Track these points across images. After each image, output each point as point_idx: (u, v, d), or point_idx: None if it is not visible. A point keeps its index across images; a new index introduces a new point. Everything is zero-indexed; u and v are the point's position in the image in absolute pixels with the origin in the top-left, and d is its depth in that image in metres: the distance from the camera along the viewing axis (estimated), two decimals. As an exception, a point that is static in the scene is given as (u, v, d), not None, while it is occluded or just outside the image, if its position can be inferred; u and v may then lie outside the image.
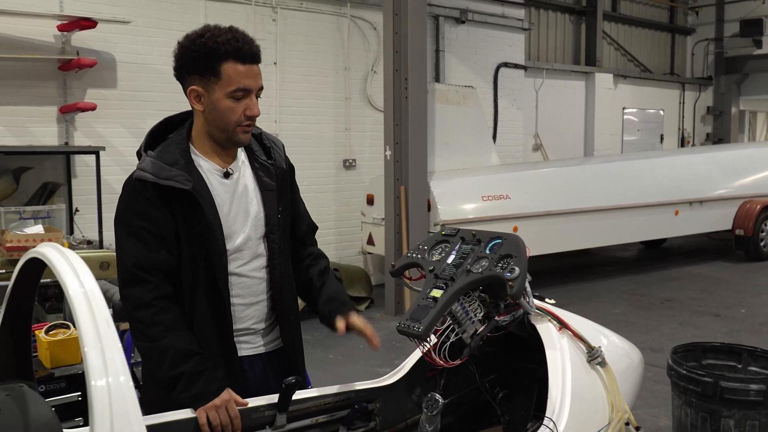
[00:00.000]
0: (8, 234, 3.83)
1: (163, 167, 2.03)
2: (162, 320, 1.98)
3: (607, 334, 2.61)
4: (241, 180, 2.17)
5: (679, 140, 15.01)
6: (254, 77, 2.05)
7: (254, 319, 2.21)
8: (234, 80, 2.02)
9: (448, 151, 8.31)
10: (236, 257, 2.14)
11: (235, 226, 2.14)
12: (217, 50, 1.99)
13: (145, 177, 2.02)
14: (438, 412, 2.01)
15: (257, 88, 2.07)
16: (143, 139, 2.16)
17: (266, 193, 2.19)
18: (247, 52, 2.02)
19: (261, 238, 2.19)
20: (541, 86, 11.66)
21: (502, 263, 2.08)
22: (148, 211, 2.02)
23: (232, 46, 2.00)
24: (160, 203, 2.03)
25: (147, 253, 2.01)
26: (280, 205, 2.21)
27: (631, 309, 7.60)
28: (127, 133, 6.76)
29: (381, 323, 7.06)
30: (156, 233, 2.03)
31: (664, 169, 9.69)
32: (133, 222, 2.03)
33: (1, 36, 6.21)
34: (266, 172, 2.21)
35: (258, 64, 2.07)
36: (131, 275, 2.01)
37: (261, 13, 7.81)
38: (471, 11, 9.85)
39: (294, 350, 2.28)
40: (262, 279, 2.20)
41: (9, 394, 1.39)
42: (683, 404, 3.42)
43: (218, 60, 2.00)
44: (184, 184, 2.02)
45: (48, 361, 2.72)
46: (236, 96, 2.03)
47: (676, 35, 15.28)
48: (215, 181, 2.12)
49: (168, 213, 2.04)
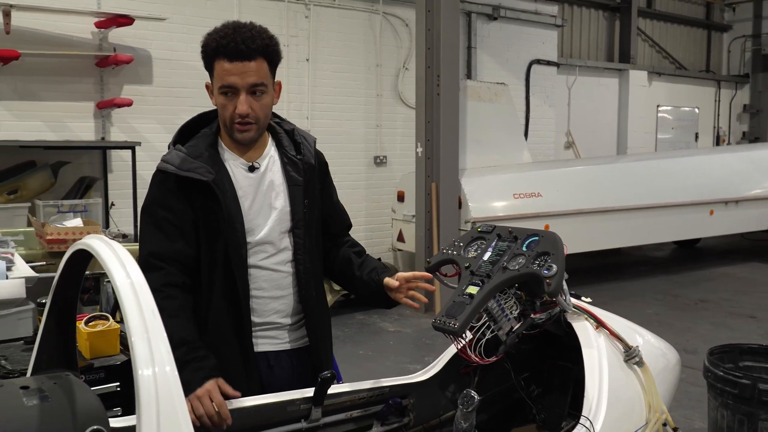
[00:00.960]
0: (48, 227, 3.90)
1: (186, 159, 2.08)
2: (165, 306, 1.93)
3: (643, 334, 2.58)
4: (267, 174, 2.19)
5: (715, 139, 14.76)
6: (241, 74, 2.03)
7: (280, 314, 2.21)
8: (219, 77, 2.06)
9: (480, 148, 8.28)
10: (259, 250, 2.16)
11: (257, 220, 2.15)
12: (209, 47, 2.06)
13: (166, 168, 2.08)
14: (474, 409, 2.01)
15: (246, 86, 2.05)
16: (175, 133, 2.21)
17: (293, 187, 2.21)
18: (232, 49, 2.02)
19: (287, 233, 2.20)
20: (573, 83, 11.55)
21: (539, 260, 2.07)
22: (169, 201, 2.07)
23: (219, 43, 2.03)
24: (180, 194, 2.07)
25: (164, 243, 2.05)
26: (306, 200, 2.22)
27: (664, 309, 7.51)
28: (162, 129, 6.84)
29: (410, 320, 7.07)
30: (175, 224, 2.06)
31: (698, 168, 9.54)
32: (156, 212, 2.08)
33: (41, 33, 6.32)
34: (294, 167, 2.22)
35: (253, 61, 2.04)
36: (145, 263, 2.04)
37: (294, 10, 7.85)
38: (503, 7, 9.79)
39: (320, 347, 2.27)
40: (288, 273, 2.21)
41: (56, 383, 1.43)
42: (720, 406, 3.37)
43: (211, 57, 2.06)
44: (204, 176, 2.06)
45: (87, 351, 2.77)
46: (224, 92, 2.07)
47: (712, 32, 15.02)
48: (240, 174, 2.15)
49: (188, 204, 2.08)
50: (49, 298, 1.65)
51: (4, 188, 5.87)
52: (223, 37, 2.03)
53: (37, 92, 6.38)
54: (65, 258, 1.59)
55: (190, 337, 1.99)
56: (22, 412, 1.32)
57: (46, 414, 1.33)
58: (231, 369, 2.12)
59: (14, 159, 6.13)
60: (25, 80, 6.30)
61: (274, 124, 2.28)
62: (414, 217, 7.59)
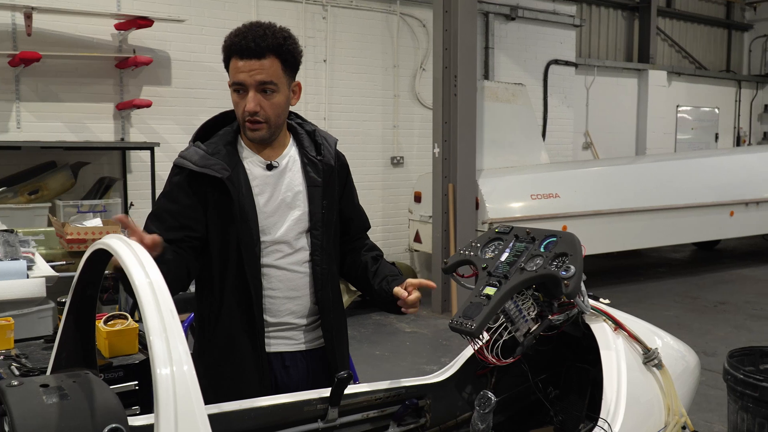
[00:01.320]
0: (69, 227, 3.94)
1: (203, 156, 2.09)
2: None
3: (662, 336, 2.56)
4: (287, 174, 2.19)
5: (735, 139, 14.60)
6: (249, 72, 2.04)
7: (294, 315, 2.21)
8: (232, 74, 2.09)
9: (497, 149, 8.26)
10: (274, 249, 2.16)
11: (273, 218, 2.15)
12: (224, 46, 2.09)
13: (183, 164, 2.10)
14: (491, 410, 2.00)
15: (255, 84, 2.05)
16: (196, 130, 2.23)
17: (312, 188, 2.20)
18: (243, 47, 2.03)
19: (304, 233, 2.20)
20: (592, 83, 11.48)
21: (557, 261, 2.05)
22: (179, 196, 2.09)
23: (232, 42, 2.05)
24: (191, 190, 2.09)
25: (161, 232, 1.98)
26: (325, 200, 2.21)
27: (683, 312, 7.44)
28: (181, 130, 6.89)
29: (427, 321, 7.06)
30: (177, 217, 2.07)
31: (718, 169, 9.45)
32: (161, 204, 2.12)
33: (61, 35, 6.40)
34: (314, 168, 2.22)
35: (264, 59, 2.04)
36: None
37: (311, 11, 7.87)
38: (521, 8, 9.76)
39: (335, 348, 2.27)
40: (304, 274, 2.20)
41: (75, 381, 1.44)
42: (739, 410, 3.34)
43: (228, 56, 2.08)
44: (219, 173, 2.06)
45: (106, 350, 2.79)
46: (236, 89, 2.09)
47: (732, 31, 14.86)
48: (257, 172, 2.15)
49: (197, 200, 2.09)
50: (68, 298, 1.67)
51: (26, 188, 5.95)
52: (237, 35, 2.05)
53: (58, 93, 6.45)
54: (85, 257, 1.60)
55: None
56: (42, 410, 1.33)
57: (66, 412, 1.34)
58: (243, 368, 2.14)
59: (35, 159, 6.20)
60: (46, 82, 6.38)
61: (295, 125, 2.28)
62: (431, 217, 7.58)
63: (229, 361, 2.15)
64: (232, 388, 2.10)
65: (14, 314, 3.12)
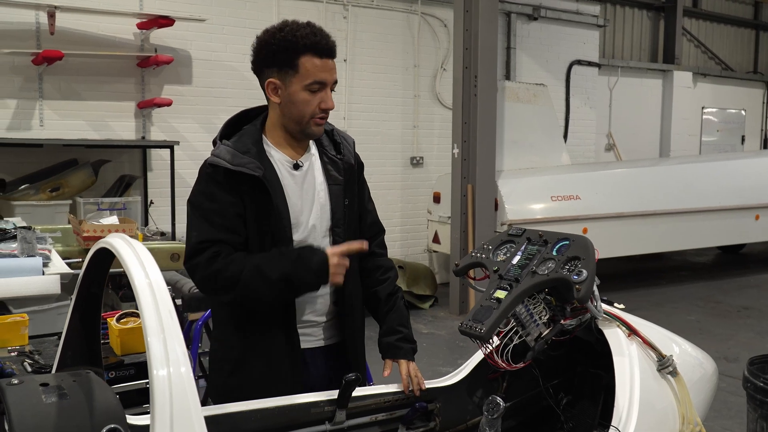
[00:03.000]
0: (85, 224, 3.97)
1: (236, 154, 2.09)
2: (234, 258, 2.04)
3: (679, 342, 2.51)
4: (309, 172, 2.21)
5: (762, 142, 14.36)
6: (330, 71, 2.10)
7: (316, 312, 2.23)
8: (311, 73, 2.07)
9: (517, 150, 8.20)
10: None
11: (302, 217, 2.17)
12: (295, 44, 2.06)
13: (218, 162, 2.08)
14: (499, 416, 1.97)
15: (332, 82, 2.12)
16: (220, 128, 2.22)
17: (333, 186, 2.22)
18: (324, 46, 2.08)
19: (326, 231, 2.21)
20: (615, 84, 11.35)
21: (570, 265, 2.02)
22: (218, 195, 2.08)
23: (310, 41, 2.06)
24: (230, 188, 2.08)
25: (210, 232, 2.06)
26: (346, 199, 2.24)
27: (705, 316, 7.32)
28: (201, 129, 6.92)
29: (445, 322, 7.02)
30: (223, 215, 2.08)
31: (744, 172, 9.28)
32: (203, 204, 2.10)
33: (84, 34, 6.45)
34: (335, 167, 2.24)
35: (334, 59, 2.12)
36: (195, 249, 2.07)
37: (332, 11, 7.87)
38: (544, 7, 9.67)
39: (354, 345, 2.29)
40: None
41: (75, 380, 1.44)
42: (759, 418, 3.26)
43: (296, 53, 2.06)
44: (255, 171, 2.07)
45: (118, 348, 2.80)
46: (312, 89, 2.09)
47: (760, 32, 14.61)
48: (285, 171, 2.17)
49: (237, 198, 2.09)
50: (73, 296, 1.67)
51: (47, 185, 6.01)
52: (312, 34, 2.08)
53: (80, 92, 6.51)
54: (89, 256, 1.60)
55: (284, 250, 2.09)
56: (41, 410, 1.33)
57: (65, 411, 1.34)
58: (278, 365, 2.15)
59: (57, 157, 6.26)
60: (69, 80, 6.44)
61: None
62: (450, 218, 7.54)
63: (263, 358, 2.16)
64: (264, 385, 2.11)
65: (29, 311, 3.14)
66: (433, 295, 7.81)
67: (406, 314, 2.35)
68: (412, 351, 2.30)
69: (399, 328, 2.30)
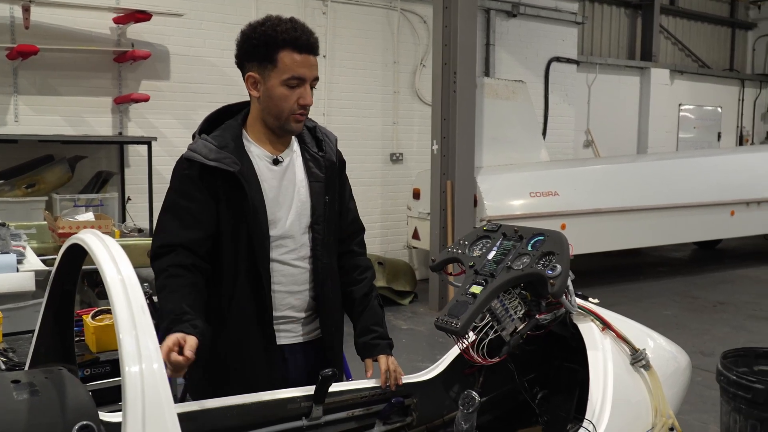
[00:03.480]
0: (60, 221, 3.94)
1: (212, 149, 2.08)
2: (167, 284, 2.01)
3: (653, 337, 2.54)
4: (290, 168, 2.21)
5: (738, 138, 14.54)
6: (309, 67, 2.10)
7: (294, 309, 2.23)
8: (289, 68, 2.07)
9: (496, 146, 8.23)
10: (279, 244, 2.17)
11: (279, 213, 2.16)
12: (275, 38, 2.05)
13: (192, 157, 2.08)
14: (474, 410, 1.98)
15: (312, 78, 2.11)
16: (200, 123, 2.21)
17: (314, 183, 2.22)
18: (304, 42, 2.07)
19: (306, 228, 2.21)
20: (593, 81, 11.44)
21: (544, 260, 2.04)
22: (191, 191, 2.08)
23: (290, 35, 2.05)
24: (203, 184, 2.08)
25: (178, 231, 2.06)
26: (327, 196, 2.23)
27: (682, 311, 7.41)
28: (179, 124, 6.88)
29: (424, 318, 7.04)
30: (193, 213, 2.07)
31: (720, 168, 9.40)
32: (176, 200, 2.10)
33: (59, 28, 6.38)
34: (316, 164, 2.24)
35: (315, 56, 2.12)
36: (155, 254, 2.07)
37: (312, 6, 7.85)
38: (523, 4, 9.72)
39: (333, 341, 2.30)
40: (305, 269, 2.22)
41: (48, 377, 1.43)
42: (732, 411, 3.32)
43: (276, 48, 2.06)
44: (230, 166, 2.06)
45: (94, 345, 2.78)
46: (290, 84, 2.08)
47: (736, 30, 14.79)
48: (264, 167, 2.16)
49: (210, 194, 2.08)
50: (46, 293, 1.65)
51: (22, 182, 5.94)
52: (292, 29, 2.07)
53: (56, 87, 6.44)
54: (60, 252, 1.59)
55: (179, 309, 1.92)
56: (12, 406, 1.32)
57: (36, 408, 1.33)
58: (254, 361, 2.15)
59: (32, 153, 6.19)
60: (44, 75, 6.37)
61: None
62: (429, 214, 7.56)
63: (239, 355, 2.16)
64: (240, 381, 2.11)
65: (4, 308, 3.11)
66: (412, 291, 7.83)
67: (381, 313, 2.36)
68: (388, 346, 2.31)
69: (374, 327, 2.30)
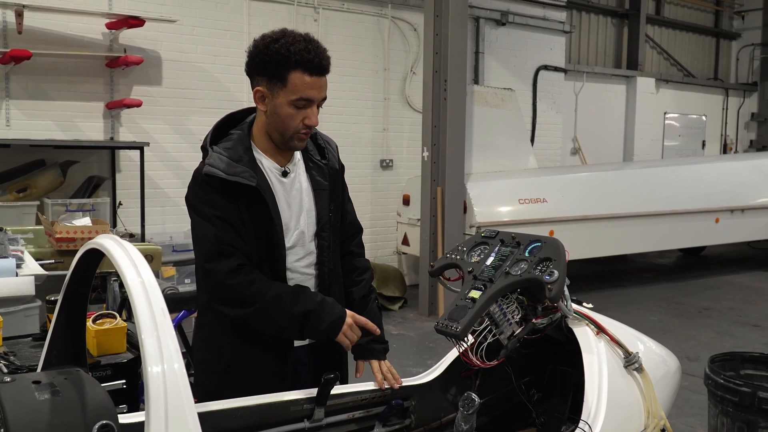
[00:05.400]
0: (58, 225, 3.95)
1: (230, 163, 2.10)
2: (257, 278, 2.08)
3: (644, 341, 2.61)
4: (296, 179, 2.25)
5: (722, 147, 14.74)
6: (318, 89, 2.10)
7: None
8: (299, 89, 2.07)
9: (486, 153, 8.31)
10: (291, 253, 2.21)
11: (291, 223, 2.21)
12: (288, 58, 2.05)
13: (214, 173, 2.09)
14: (474, 411, 2.03)
15: (320, 99, 2.13)
16: (208, 133, 2.22)
17: (319, 192, 2.26)
18: (316, 64, 2.07)
19: (313, 236, 2.26)
20: (581, 89, 11.56)
21: (542, 266, 2.09)
22: (218, 201, 2.10)
23: (302, 57, 2.04)
24: (227, 196, 2.11)
25: (222, 232, 2.09)
26: (332, 204, 2.28)
27: (668, 317, 7.51)
28: (171, 130, 6.89)
29: (414, 323, 7.10)
30: (227, 220, 2.10)
31: (705, 176, 9.54)
32: (205, 210, 2.11)
33: (52, 33, 6.39)
34: (320, 172, 2.28)
35: (325, 76, 2.12)
36: (214, 248, 2.08)
37: (303, 14, 7.90)
38: (512, 13, 9.82)
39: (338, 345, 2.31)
40: (312, 275, 2.27)
41: (67, 378, 1.46)
42: (720, 414, 3.39)
43: (287, 68, 2.05)
44: (250, 181, 2.09)
45: (94, 349, 2.80)
46: (298, 105, 2.09)
47: (720, 40, 15.01)
48: (275, 179, 2.20)
49: (235, 205, 2.11)
50: (60, 296, 1.69)
51: (14, 186, 5.93)
52: (305, 50, 2.05)
53: (48, 92, 6.45)
54: (77, 256, 1.62)
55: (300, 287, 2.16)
56: (35, 406, 1.36)
57: (58, 408, 1.37)
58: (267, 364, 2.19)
59: (24, 157, 6.19)
60: (37, 80, 6.37)
61: None
62: (419, 220, 7.62)
63: (253, 357, 2.19)
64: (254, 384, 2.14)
65: (2, 312, 3.13)
66: (402, 297, 7.88)
67: (379, 316, 2.40)
68: (383, 351, 2.35)
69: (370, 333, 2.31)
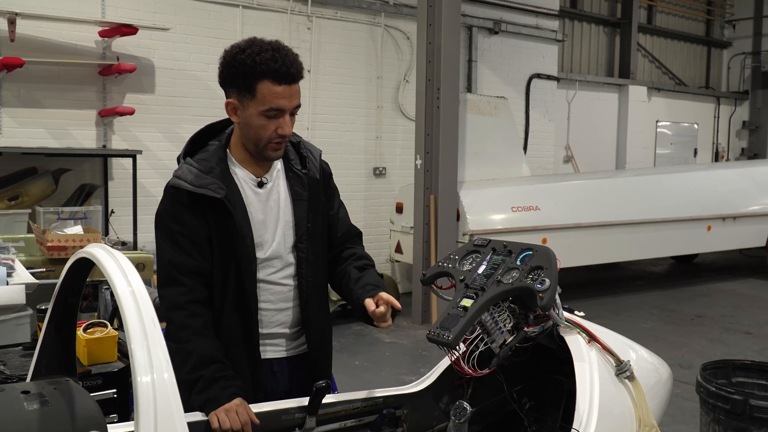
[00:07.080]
0: (49, 234, 3.93)
1: (198, 175, 2.08)
2: (191, 324, 2.04)
3: (636, 349, 2.61)
4: (274, 189, 2.22)
5: (713, 155, 14.82)
6: (289, 97, 2.07)
7: (283, 325, 2.26)
8: (267, 100, 2.04)
9: (479, 161, 8.33)
10: (267, 265, 2.19)
11: (266, 235, 2.18)
12: (254, 69, 2.02)
13: (179, 185, 2.08)
14: (465, 420, 2.03)
15: (291, 108, 2.09)
16: (184, 145, 2.21)
17: (297, 202, 2.23)
18: (284, 72, 2.03)
19: (291, 248, 2.23)
20: (573, 98, 11.62)
21: (533, 275, 2.10)
22: (183, 216, 2.09)
23: (269, 67, 2.01)
24: (194, 209, 2.09)
25: (181, 256, 2.07)
26: (311, 214, 2.24)
27: (660, 324, 7.53)
28: (164, 138, 6.88)
29: (408, 332, 7.09)
30: (190, 238, 2.08)
31: (697, 184, 9.58)
32: (170, 226, 2.10)
33: (45, 41, 6.38)
34: (299, 182, 2.25)
35: (296, 83, 2.08)
36: (168, 274, 2.08)
37: (297, 22, 7.92)
38: (505, 22, 9.87)
39: (319, 356, 2.32)
40: (292, 286, 2.25)
41: (56, 388, 1.46)
42: (711, 422, 3.40)
43: (254, 78, 2.03)
44: (216, 193, 2.07)
45: (85, 358, 2.79)
46: (269, 115, 2.06)
47: (712, 48, 15.11)
48: (249, 190, 2.18)
49: (202, 219, 2.10)
50: (50, 305, 1.68)
51: (6, 194, 5.91)
52: (272, 59, 2.01)
53: (41, 99, 6.43)
54: (68, 265, 1.62)
55: (219, 356, 2.04)
56: (23, 416, 1.35)
57: (47, 418, 1.36)
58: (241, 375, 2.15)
59: (16, 165, 6.17)
60: (29, 87, 6.36)
61: None
62: (412, 228, 7.62)
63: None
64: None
65: (-7, 321, 3.11)
66: (395, 305, 7.86)
67: (381, 280, 2.30)
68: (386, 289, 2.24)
69: (374, 284, 2.23)
